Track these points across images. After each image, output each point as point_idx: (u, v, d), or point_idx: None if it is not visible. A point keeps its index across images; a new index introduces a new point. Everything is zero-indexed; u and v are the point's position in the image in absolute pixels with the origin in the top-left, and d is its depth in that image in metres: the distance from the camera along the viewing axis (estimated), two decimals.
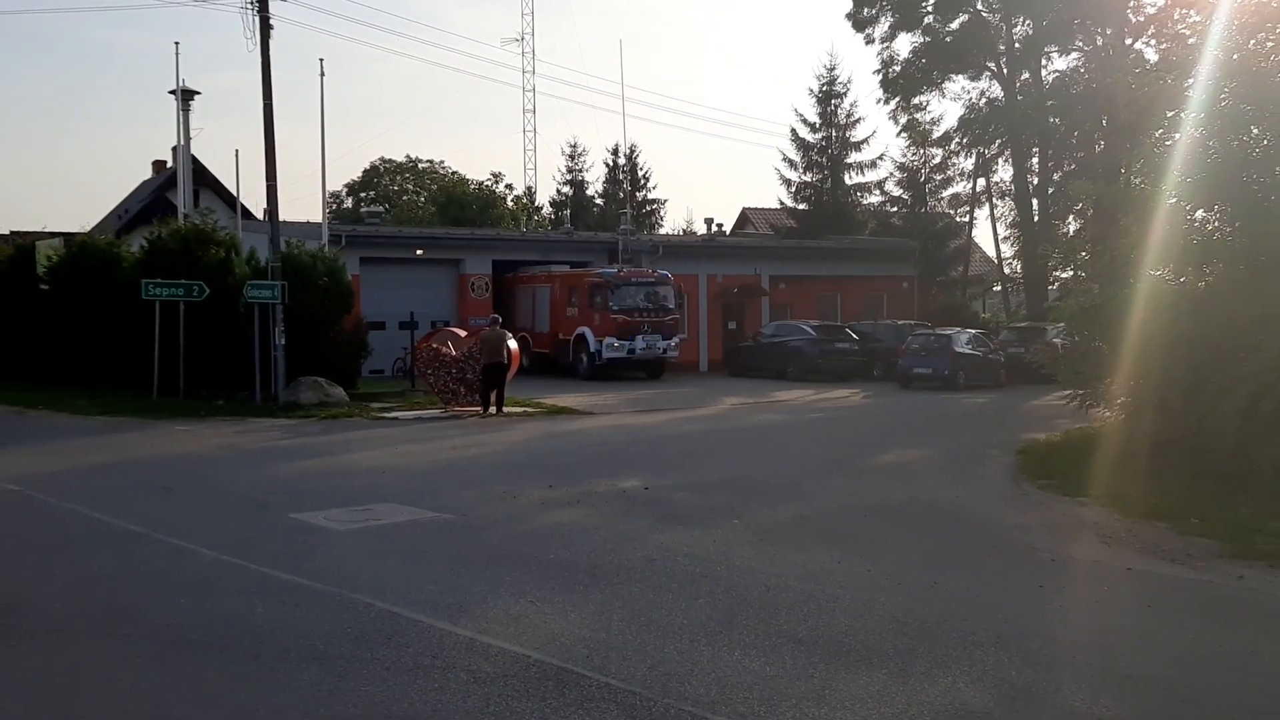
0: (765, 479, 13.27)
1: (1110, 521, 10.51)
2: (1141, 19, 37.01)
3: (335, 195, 59.88)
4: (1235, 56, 14.59)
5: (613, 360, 29.40)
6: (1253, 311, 12.62)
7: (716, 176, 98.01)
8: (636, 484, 12.35)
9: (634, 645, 6.34)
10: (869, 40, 40.48)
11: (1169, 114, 16.17)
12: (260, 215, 34.35)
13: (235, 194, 31.19)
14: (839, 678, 5.84)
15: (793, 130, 45.56)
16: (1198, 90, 14.97)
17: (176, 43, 53.50)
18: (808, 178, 45.60)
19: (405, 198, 61.86)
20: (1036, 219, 39.24)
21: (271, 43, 22.22)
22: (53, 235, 28.10)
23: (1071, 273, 23.36)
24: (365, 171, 62.31)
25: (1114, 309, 15.33)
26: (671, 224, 57.43)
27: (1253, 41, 14.55)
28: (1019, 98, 38.70)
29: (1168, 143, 16.40)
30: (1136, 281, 15.45)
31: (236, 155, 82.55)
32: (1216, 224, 15.31)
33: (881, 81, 40.60)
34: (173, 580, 7.95)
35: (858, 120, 45.28)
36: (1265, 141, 14.64)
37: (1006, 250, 44.52)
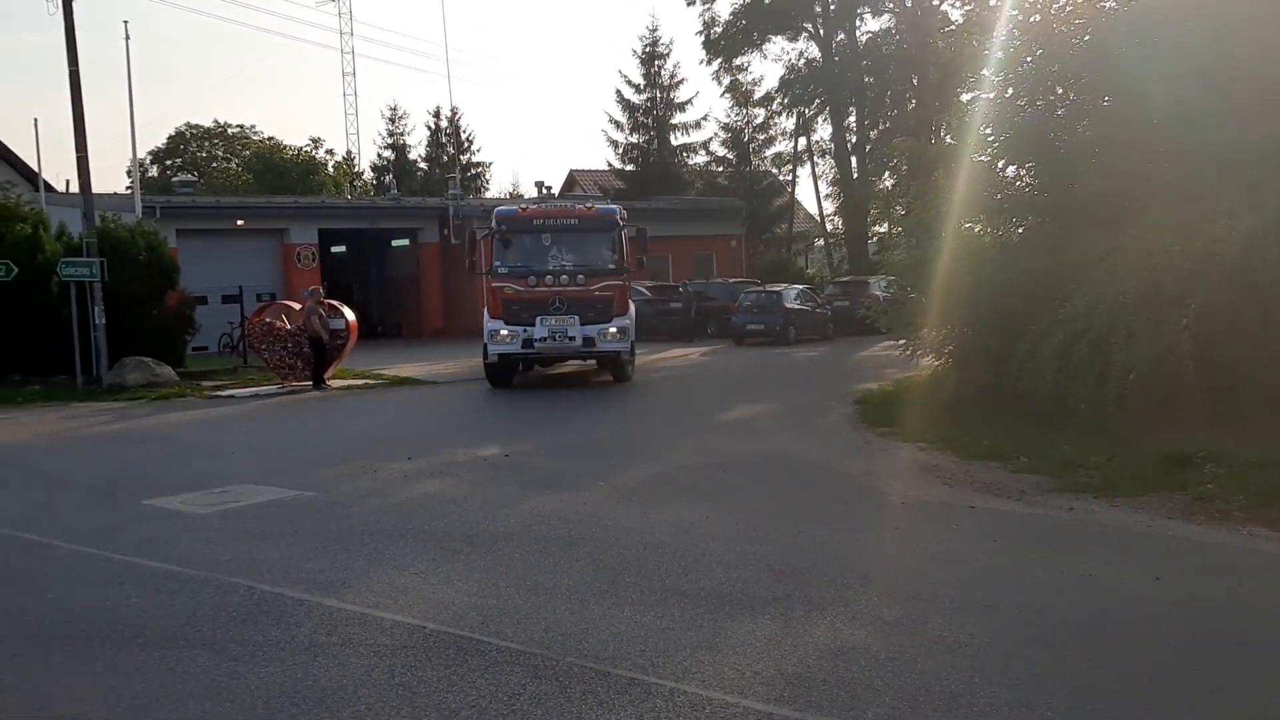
0: (620, 441, 13.56)
1: (949, 464, 11.23)
2: None
3: (139, 164, 56.91)
4: (1035, 18, 15.51)
5: (506, 357, 19.01)
6: (1065, 262, 13.56)
7: (543, 139, 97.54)
8: (495, 451, 12.44)
9: (525, 609, 6.50)
10: (690, 1, 41.05)
11: (977, 73, 17.12)
12: (62, 189, 32.50)
13: (37, 167, 29.37)
14: (726, 626, 6.15)
15: (618, 92, 45.91)
16: (1001, 51, 15.86)
17: None
18: (634, 139, 46.05)
19: (215, 165, 59.31)
20: (855, 176, 40.76)
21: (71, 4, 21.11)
22: None
23: (888, 228, 24.58)
24: (171, 138, 59.44)
25: (939, 262, 16.22)
26: (498, 187, 57.20)
27: (1054, 6, 15.49)
28: (835, 58, 40.01)
29: (976, 102, 17.38)
30: (957, 235, 16.38)
31: (35, 124, 76.83)
32: (1026, 179, 16.33)
33: (704, 43, 41.37)
34: (33, 576, 7.64)
35: (681, 81, 45.98)
36: (1070, 98, 15.66)
37: (828, 207, 46.22)
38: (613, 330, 19.01)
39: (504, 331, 18.73)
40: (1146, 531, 8.42)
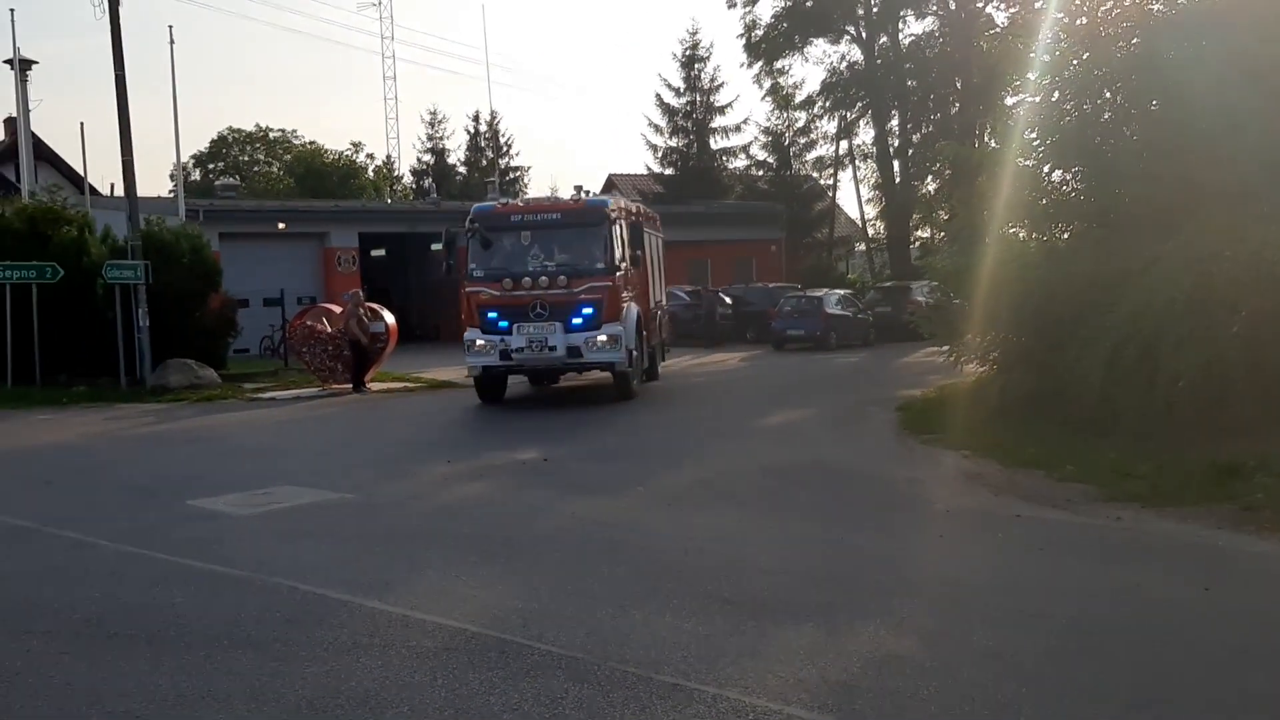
0: (660, 445, 13.53)
1: (993, 472, 11.08)
2: None
3: (182, 167, 57.65)
4: (1081, 21, 15.31)
5: (490, 371, 17.34)
6: (1112, 267, 13.37)
7: (581, 143, 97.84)
8: (534, 455, 12.45)
9: (566, 613, 6.48)
10: (731, 4, 41.03)
11: (1022, 77, 16.94)
12: (106, 192, 32.93)
13: (83, 170, 29.68)
14: (769, 633, 6.10)
15: (658, 95, 45.92)
16: (1047, 54, 15.67)
17: (11, 10, 50.20)
18: (674, 143, 46.03)
19: (256, 169, 59.92)
20: (898, 180, 40.49)
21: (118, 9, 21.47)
22: None
23: (930, 232, 24.36)
24: (213, 142, 60.03)
25: (983, 267, 16.05)
26: (537, 191, 57.22)
27: (1101, 9, 15.29)
28: (878, 61, 39.79)
29: (1021, 105, 17.20)
30: (1001, 240, 16.21)
31: (82, 128, 77.71)
32: (1072, 184, 16.12)
33: (745, 46, 41.28)
34: (78, 574, 7.72)
35: (722, 85, 45.92)
36: (1117, 102, 15.44)
37: (870, 211, 45.92)
38: (602, 338, 16.68)
39: (480, 341, 16.91)
40: (1195, 541, 8.27)
